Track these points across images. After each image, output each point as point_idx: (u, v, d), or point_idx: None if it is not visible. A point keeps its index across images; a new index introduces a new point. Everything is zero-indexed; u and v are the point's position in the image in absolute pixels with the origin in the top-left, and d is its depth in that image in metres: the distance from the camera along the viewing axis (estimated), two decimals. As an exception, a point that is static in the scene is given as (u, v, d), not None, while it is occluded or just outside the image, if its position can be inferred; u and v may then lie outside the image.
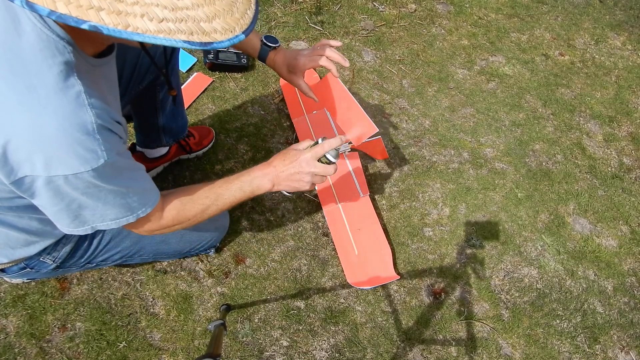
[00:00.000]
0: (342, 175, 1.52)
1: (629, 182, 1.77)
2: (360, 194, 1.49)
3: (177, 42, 0.52)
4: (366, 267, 1.38)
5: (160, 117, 1.25)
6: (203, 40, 0.54)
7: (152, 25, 0.51)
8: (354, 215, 1.46)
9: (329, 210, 1.47)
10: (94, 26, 0.49)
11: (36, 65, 0.58)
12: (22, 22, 0.58)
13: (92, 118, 0.62)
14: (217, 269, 1.34)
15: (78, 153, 0.61)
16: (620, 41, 2.32)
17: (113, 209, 0.74)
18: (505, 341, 1.35)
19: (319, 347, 1.26)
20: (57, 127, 0.59)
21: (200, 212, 0.91)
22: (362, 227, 1.44)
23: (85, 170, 0.63)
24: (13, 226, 0.83)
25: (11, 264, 0.93)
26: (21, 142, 0.59)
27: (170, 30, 0.52)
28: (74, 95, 0.61)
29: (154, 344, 1.21)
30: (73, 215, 0.71)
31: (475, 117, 1.86)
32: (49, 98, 0.59)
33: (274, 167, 0.94)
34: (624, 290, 1.49)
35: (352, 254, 1.39)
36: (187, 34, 0.53)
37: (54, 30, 0.59)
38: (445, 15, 2.24)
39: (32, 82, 0.58)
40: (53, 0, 0.47)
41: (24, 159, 0.61)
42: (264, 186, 0.94)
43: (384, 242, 1.42)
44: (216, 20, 0.55)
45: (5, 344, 1.15)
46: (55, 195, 0.66)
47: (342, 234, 1.43)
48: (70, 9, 0.48)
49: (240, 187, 0.93)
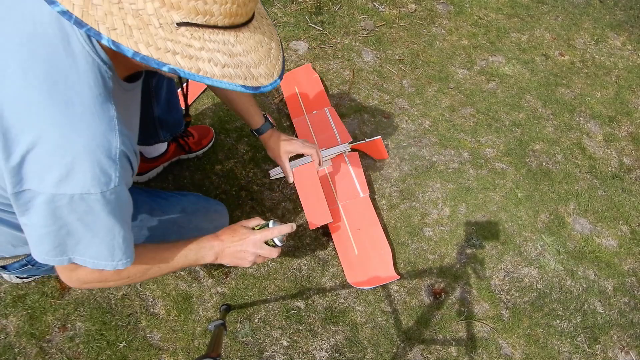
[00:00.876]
0: (342, 175, 1.52)
1: (629, 182, 1.77)
2: (361, 194, 1.49)
3: (237, 86, 0.61)
4: (366, 267, 1.38)
5: (155, 107, 1.23)
6: (254, 85, 0.63)
7: (217, 70, 0.59)
8: (354, 215, 1.46)
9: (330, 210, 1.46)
10: (173, 69, 0.56)
11: (79, 85, 0.62)
12: (72, 43, 0.62)
13: (118, 144, 0.65)
14: (217, 269, 1.34)
15: (94, 173, 0.63)
16: (620, 41, 2.32)
17: (98, 246, 0.72)
18: (505, 341, 1.35)
19: (319, 347, 1.26)
20: (84, 144, 0.62)
21: (141, 272, 0.88)
22: (362, 227, 1.44)
23: (95, 192, 0.64)
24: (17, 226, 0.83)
25: (13, 260, 0.94)
26: (46, 151, 0.61)
27: (231, 75, 0.60)
28: (108, 119, 0.64)
29: (154, 344, 1.21)
30: (57, 242, 0.70)
31: (475, 117, 1.86)
32: (83, 116, 0.62)
33: (221, 240, 0.97)
34: (624, 290, 1.49)
35: (352, 254, 1.39)
36: (243, 79, 0.62)
37: (99, 54, 0.64)
38: (445, 15, 2.24)
39: (71, 98, 0.61)
40: (136, 42, 0.54)
41: (38, 171, 0.62)
42: (208, 258, 0.96)
43: (384, 242, 1.42)
44: (261, 67, 0.64)
45: (5, 344, 1.15)
46: (50, 216, 0.66)
47: (342, 234, 1.42)
48: (151, 51, 0.54)
49: (185, 254, 0.93)
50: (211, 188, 1.49)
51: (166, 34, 0.55)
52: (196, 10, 0.55)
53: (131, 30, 0.54)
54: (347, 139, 1.57)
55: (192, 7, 0.54)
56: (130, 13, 0.54)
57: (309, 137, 1.60)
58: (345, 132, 1.60)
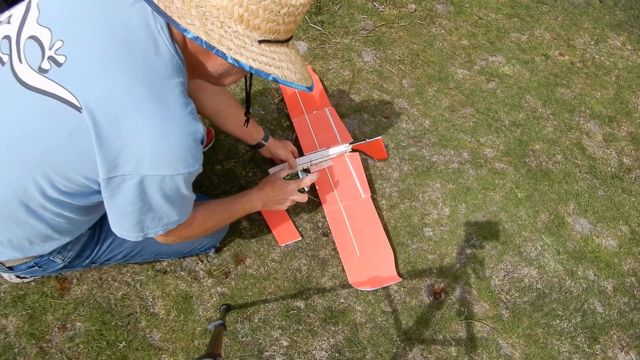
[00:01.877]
0: (343, 175, 1.52)
1: (629, 182, 1.77)
2: (362, 195, 1.48)
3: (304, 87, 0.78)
4: (368, 269, 1.38)
5: None
6: (309, 85, 0.81)
7: (294, 76, 0.76)
8: (355, 216, 1.45)
9: (330, 210, 1.46)
10: (275, 78, 0.73)
11: (168, 81, 0.71)
12: (160, 45, 0.71)
13: (202, 129, 0.75)
14: (217, 269, 1.34)
15: (186, 157, 0.72)
16: (620, 41, 2.32)
17: (171, 212, 0.82)
18: (505, 341, 1.35)
19: (319, 347, 1.26)
20: (179, 133, 0.70)
21: (217, 223, 1.06)
22: (364, 228, 1.43)
23: (183, 172, 0.73)
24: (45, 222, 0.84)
25: (22, 261, 0.93)
26: (144, 142, 0.68)
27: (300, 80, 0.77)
28: (191, 109, 0.74)
29: (153, 344, 1.21)
30: (139, 218, 0.79)
31: (475, 117, 1.86)
32: (175, 108, 0.70)
33: (265, 192, 1.21)
34: (624, 290, 1.49)
35: (354, 255, 1.39)
36: (306, 81, 0.80)
37: (180, 56, 0.73)
38: (445, 15, 2.24)
39: (164, 93, 0.70)
40: (247, 58, 0.69)
41: (134, 159, 0.69)
42: (258, 206, 1.20)
43: (385, 243, 1.42)
44: (304, 72, 0.81)
45: (5, 344, 1.15)
46: (139, 195, 0.73)
47: (344, 235, 1.42)
48: (257, 65, 0.70)
49: (243, 206, 1.15)
50: (211, 188, 1.49)
51: (258, 49, 0.70)
52: (270, 30, 0.71)
53: (240, 49, 0.68)
54: (347, 139, 1.57)
55: (268, 27, 0.70)
56: (232, 35, 0.68)
57: (308, 137, 1.59)
58: (346, 132, 1.60)
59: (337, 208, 1.47)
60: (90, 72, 0.67)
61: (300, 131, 1.62)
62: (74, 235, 0.95)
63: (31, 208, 0.79)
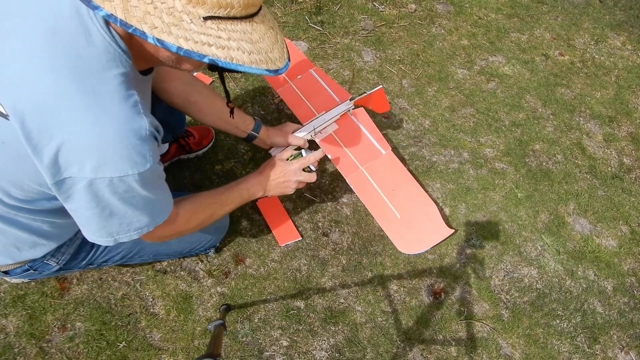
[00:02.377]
0: (354, 136, 1.34)
1: (629, 182, 1.77)
2: (382, 151, 1.31)
3: (263, 71, 0.67)
4: (414, 229, 1.24)
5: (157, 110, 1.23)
6: (273, 68, 0.69)
7: (246, 57, 0.65)
8: (382, 176, 1.28)
9: (353, 177, 1.29)
10: (212, 60, 0.61)
11: (102, 73, 0.64)
12: (92, 33, 0.64)
13: (147, 125, 0.68)
14: (217, 269, 1.34)
15: (131, 157, 0.66)
16: (620, 41, 2.32)
17: (140, 216, 0.76)
18: (505, 341, 1.35)
19: (318, 347, 1.26)
20: (117, 130, 0.64)
21: (208, 216, 0.99)
22: (396, 186, 1.27)
23: (132, 173, 0.67)
24: (24, 227, 0.83)
25: (15, 265, 0.93)
26: (80, 143, 0.63)
27: (257, 61, 0.66)
28: (133, 103, 0.67)
29: (153, 344, 1.21)
30: (102, 223, 0.74)
31: (475, 117, 1.86)
32: (112, 103, 0.64)
33: (266, 176, 1.10)
34: (624, 290, 1.49)
35: (394, 219, 1.24)
36: (266, 64, 0.67)
37: (119, 44, 0.66)
38: (445, 15, 2.24)
39: (97, 87, 0.63)
40: (176, 38, 0.59)
41: (75, 161, 0.64)
42: (258, 193, 1.09)
43: (424, 197, 1.26)
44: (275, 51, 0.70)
45: (5, 344, 1.15)
46: (93, 199, 0.69)
47: (376, 200, 1.26)
48: (191, 45, 0.59)
49: (239, 194, 1.05)
50: (211, 188, 1.49)
51: (198, 28, 0.60)
52: (219, 4, 0.60)
53: (169, 27, 0.59)
54: (346, 96, 1.39)
55: (215, 1, 0.59)
56: (164, 11, 0.58)
57: (302, 106, 1.41)
58: (342, 89, 1.42)
59: (359, 173, 1.30)
60: (13, 75, 0.61)
61: (291, 101, 1.43)
62: (63, 238, 0.94)
63: (3, 216, 0.79)
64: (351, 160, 1.30)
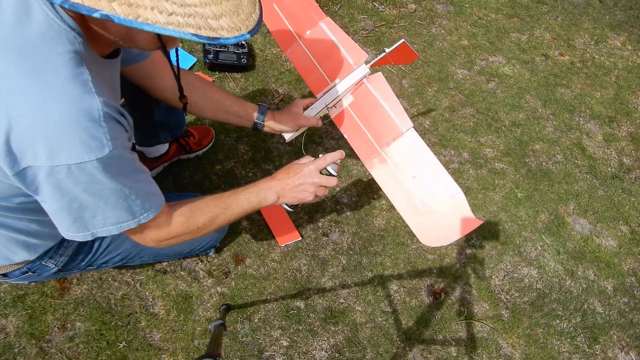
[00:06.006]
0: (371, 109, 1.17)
1: (628, 182, 1.77)
2: (402, 129, 1.12)
3: (186, 34, 0.56)
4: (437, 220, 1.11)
5: (156, 112, 1.23)
6: (210, 35, 0.58)
7: (162, 17, 0.54)
8: (403, 158, 1.14)
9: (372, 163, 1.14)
10: (106, 15, 0.52)
11: (46, 51, 0.59)
12: (34, 10, 0.59)
13: (99, 105, 0.62)
14: (217, 269, 1.34)
15: (83, 140, 0.61)
16: (620, 41, 2.32)
17: (114, 211, 0.72)
18: (505, 341, 1.35)
19: (318, 347, 1.26)
20: (63, 111, 0.59)
21: (209, 220, 0.90)
22: (418, 172, 1.13)
23: (90, 159, 0.62)
24: (12, 228, 0.82)
25: (13, 267, 0.93)
26: (26, 125, 0.58)
27: (179, 24, 0.56)
28: (82, 82, 0.61)
29: (153, 344, 1.21)
30: (74, 216, 0.70)
31: (475, 117, 1.86)
32: (57, 82, 0.59)
33: (278, 180, 0.97)
34: (624, 290, 1.49)
35: (416, 209, 1.12)
36: (196, 28, 0.57)
37: (65, 21, 0.61)
38: (445, 15, 2.24)
39: (41, 66, 0.59)
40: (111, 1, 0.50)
41: (27, 147, 0.60)
42: (270, 198, 0.96)
43: (451, 183, 1.13)
44: (223, 19, 0.59)
45: (5, 344, 1.15)
46: (57, 190, 0.65)
47: (397, 187, 1.13)
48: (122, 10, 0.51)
49: (247, 198, 0.94)
50: (211, 188, 1.49)
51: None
52: None
53: None
54: (361, 58, 1.19)
55: None
56: None
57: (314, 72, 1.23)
58: (357, 47, 1.20)
59: (378, 157, 1.14)
60: None
61: (301, 66, 1.24)
62: (57, 238, 0.92)
63: None
64: (369, 141, 1.14)
